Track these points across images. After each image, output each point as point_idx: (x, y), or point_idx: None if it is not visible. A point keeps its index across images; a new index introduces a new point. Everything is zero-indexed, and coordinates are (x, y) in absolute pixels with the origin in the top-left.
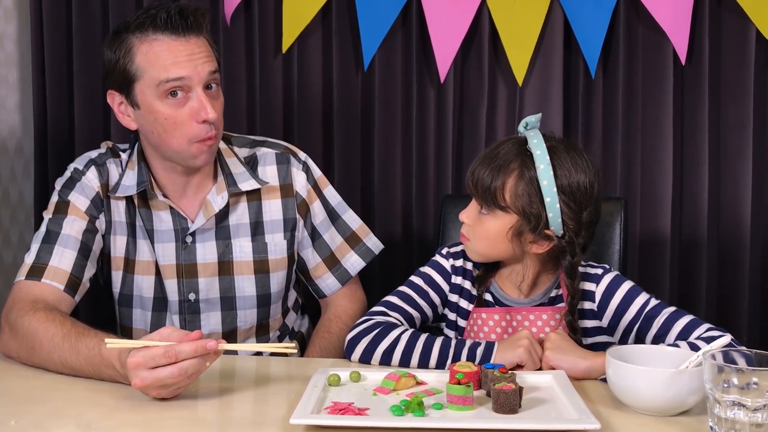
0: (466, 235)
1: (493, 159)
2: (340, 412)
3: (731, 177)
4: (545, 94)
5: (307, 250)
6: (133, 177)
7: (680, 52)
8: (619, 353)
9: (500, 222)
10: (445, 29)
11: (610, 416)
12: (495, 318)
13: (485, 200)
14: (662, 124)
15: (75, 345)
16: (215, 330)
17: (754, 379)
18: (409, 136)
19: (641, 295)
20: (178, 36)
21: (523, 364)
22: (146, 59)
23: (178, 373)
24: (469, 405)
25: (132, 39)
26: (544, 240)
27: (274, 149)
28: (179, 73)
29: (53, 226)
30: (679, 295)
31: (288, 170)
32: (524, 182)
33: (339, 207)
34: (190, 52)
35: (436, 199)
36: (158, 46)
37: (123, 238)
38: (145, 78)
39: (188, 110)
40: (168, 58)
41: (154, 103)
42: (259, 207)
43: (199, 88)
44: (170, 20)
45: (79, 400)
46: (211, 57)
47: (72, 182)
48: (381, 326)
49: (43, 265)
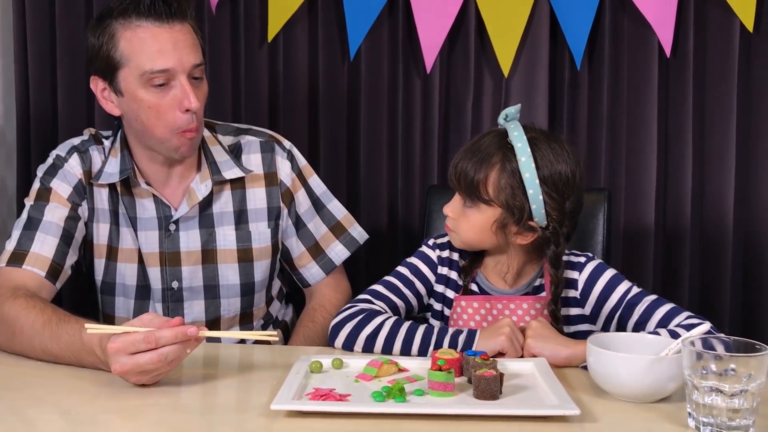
0: (451, 227)
1: (475, 152)
2: (321, 398)
3: (715, 168)
4: (531, 86)
5: (292, 239)
6: (116, 164)
7: (665, 45)
8: (599, 341)
9: (484, 215)
10: (432, 20)
11: (590, 403)
12: (474, 305)
13: (469, 194)
14: (647, 115)
15: (56, 331)
16: (198, 318)
17: (732, 365)
18: (395, 127)
19: (623, 283)
20: (162, 23)
21: (504, 351)
22: (130, 46)
23: (157, 359)
24: (450, 391)
25: (115, 25)
26: (528, 231)
27: (259, 137)
28: (164, 65)
29: (35, 212)
30: (662, 285)
31: (273, 159)
32: (506, 175)
33: (324, 196)
34: (174, 40)
35: (421, 190)
36: (142, 33)
37: (106, 226)
38: (129, 66)
39: (171, 98)
40: (152, 46)
41: (138, 91)
42: (243, 195)
43: (182, 77)
44: (153, 6)
45: (58, 386)
46: (196, 46)
47: (54, 169)
48: (365, 313)
49: (25, 251)
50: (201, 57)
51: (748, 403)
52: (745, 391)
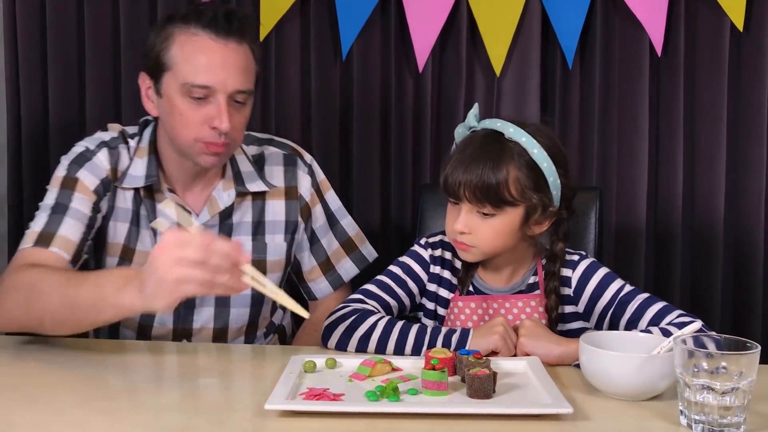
0: (468, 243)
1: (480, 159)
2: (315, 398)
3: (706, 168)
4: (523, 85)
5: (304, 253)
6: (142, 168)
7: (656, 44)
8: (592, 339)
9: (509, 217)
10: (424, 19)
11: (583, 401)
12: (471, 306)
13: (491, 201)
14: (638, 114)
15: (82, 279)
16: (206, 325)
17: (723, 363)
18: (387, 126)
19: (616, 281)
20: (218, 37)
21: (498, 350)
22: (181, 53)
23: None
24: (444, 390)
25: (174, 29)
26: (547, 218)
27: (282, 150)
28: (205, 81)
29: (62, 198)
30: (654, 283)
31: (294, 172)
32: (524, 171)
33: (338, 212)
34: (224, 59)
35: (414, 189)
36: (196, 42)
37: (125, 225)
38: (174, 71)
39: (204, 113)
40: (201, 59)
41: (176, 96)
42: (262, 207)
43: (222, 96)
44: (215, 19)
45: (51, 387)
46: (247, 71)
47: (82, 159)
48: (357, 313)
49: (52, 233)
50: (249, 84)
51: (739, 401)
52: (737, 389)
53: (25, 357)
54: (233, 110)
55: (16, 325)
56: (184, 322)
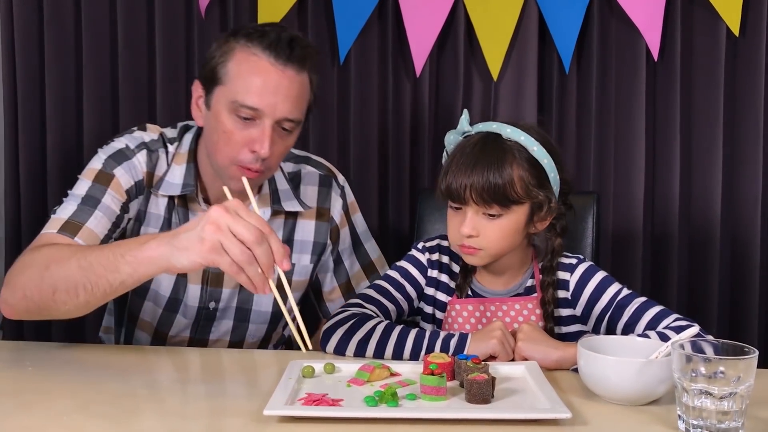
0: (476, 246)
1: (484, 161)
2: (313, 403)
3: (702, 172)
4: (520, 89)
5: (328, 274)
6: (180, 175)
7: (653, 48)
8: (590, 344)
9: (515, 216)
10: (421, 23)
11: (581, 406)
12: (469, 309)
13: (497, 201)
14: (635, 118)
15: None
16: (223, 338)
17: (721, 368)
18: (385, 130)
19: (614, 285)
20: (277, 61)
21: (496, 355)
22: (237, 70)
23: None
24: (443, 395)
25: (236, 45)
26: (550, 214)
27: (318, 170)
28: (254, 103)
29: (94, 191)
30: (651, 287)
31: (328, 194)
32: (526, 169)
33: (363, 235)
34: (278, 85)
35: (411, 193)
36: (254, 63)
37: (155, 231)
38: (226, 86)
39: (247, 135)
40: (255, 80)
41: (222, 112)
42: (293, 226)
43: (268, 121)
44: (277, 42)
45: (51, 392)
46: (300, 100)
47: (121, 156)
48: (356, 317)
49: (80, 223)
50: (298, 113)
51: (737, 406)
52: (734, 394)
53: (22, 361)
54: (277, 137)
55: (27, 304)
56: (202, 333)
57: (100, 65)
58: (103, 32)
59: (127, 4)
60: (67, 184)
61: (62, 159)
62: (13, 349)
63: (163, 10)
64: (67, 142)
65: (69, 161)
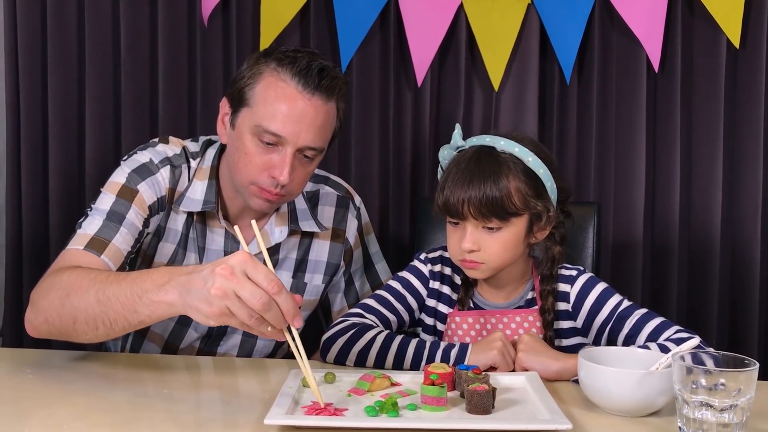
0: (478, 260)
1: (480, 174)
2: (316, 413)
3: (702, 183)
4: (521, 99)
5: (338, 294)
6: (201, 191)
7: (653, 60)
8: (590, 355)
9: (515, 228)
10: (423, 33)
11: (581, 417)
12: (469, 321)
13: (497, 214)
14: (635, 130)
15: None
16: (230, 352)
17: (722, 380)
18: (386, 140)
19: (614, 296)
20: (305, 90)
21: (496, 365)
22: (264, 94)
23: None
24: (443, 406)
25: (265, 68)
26: (549, 223)
27: (337, 191)
28: (278, 130)
29: (119, 207)
30: (651, 298)
31: (344, 215)
32: (522, 180)
33: (375, 256)
34: (303, 114)
35: (412, 202)
36: (281, 89)
37: (172, 246)
38: (252, 109)
39: (268, 160)
40: (281, 107)
41: (246, 135)
42: (309, 246)
43: (290, 149)
44: (307, 71)
45: (51, 401)
46: (324, 129)
47: (145, 171)
48: (356, 327)
49: (106, 240)
50: (321, 142)
51: (737, 418)
52: (735, 406)
53: (23, 369)
54: (298, 164)
55: (49, 328)
56: (210, 346)
57: (102, 74)
58: (106, 40)
59: (129, 12)
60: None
61: (64, 168)
62: (13, 356)
63: (166, 18)
64: (69, 152)
65: (70, 170)
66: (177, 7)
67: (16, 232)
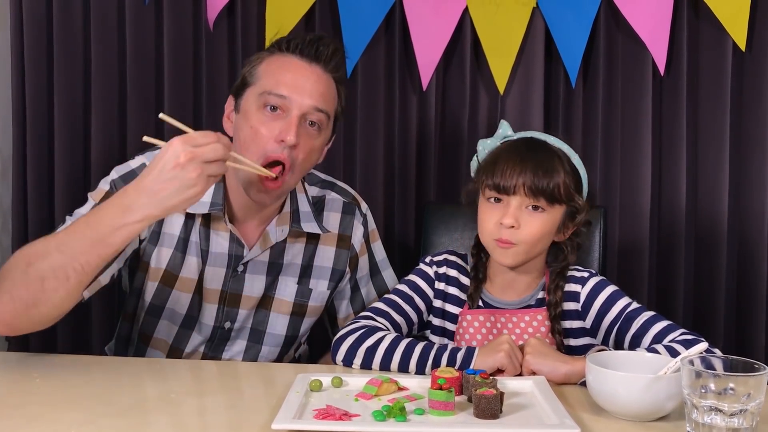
0: (512, 240)
1: (535, 157)
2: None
3: (708, 185)
4: (526, 103)
5: (344, 301)
6: (209, 193)
7: (659, 63)
8: (598, 359)
9: (554, 216)
10: (428, 37)
11: (589, 421)
12: (480, 319)
13: (545, 195)
14: (641, 133)
15: (65, 229)
16: (235, 358)
17: (731, 384)
18: (391, 143)
19: (623, 298)
20: (303, 59)
21: (503, 368)
22: (267, 69)
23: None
24: (451, 410)
25: (266, 54)
26: (575, 225)
27: (343, 197)
28: (283, 91)
29: None
30: (657, 301)
31: (350, 222)
32: (570, 174)
33: (382, 263)
34: (306, 77)
35: (417, 206)
36: (283, 60)
37: (169, 251)
38: (256, 85)
39: (274, 127)
40: (285, 72)
41: (251, 109)
42: (314, 251)
43: (296, 112)
44: (304, 44)
45: (57, 404)
46: (327, 96)
47: (132, 177)
48: (366, 328)
49: None
50: (326, 105)
51: (747, 423)
52: (745, 411)
53: (29, 374)
54: (304, 131)
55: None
56: (215, 351)
57: (108, 78)
58: (112, 44)
59: (135, 16)
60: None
61: (69, 170)
62: (20, 360)
63: (172, 22)
64: (74, 154)
65: (76, 173)
66: (183, 11)
67: (22, 234)
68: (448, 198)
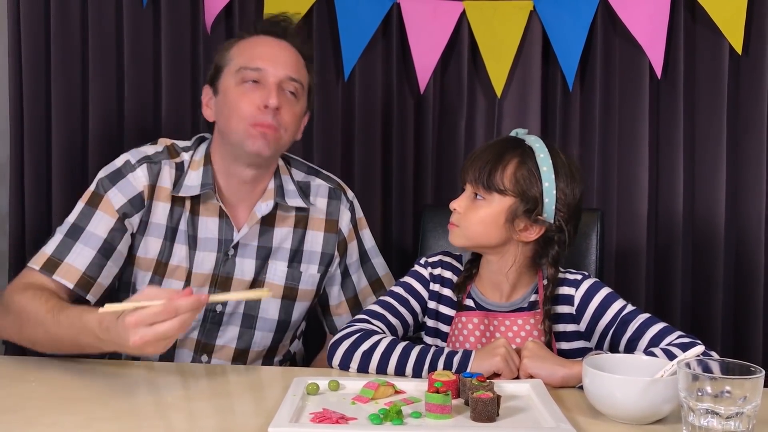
0: (456, 223)
1: (493, 149)
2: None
3: (706, 189)
4: (523, 106)
5: (335, 287)
6: (197, 178)
7: (656, 66)
8: (595, 362)
9: (496, 206)
10: (426, 41)
11: (586, 425)
12: (474, 321)
13: (484, 184)
14: (638, 136)
15: (57, 317)
16: (229, 344)
17: (727, 387)
18: (388, 147)
19: (618, 301)
20: (272, 37)
21: (500, 372)
22: (239, 50)
23: (178, 326)
24: (448, 413)
25: (234, 39)
26: (536, 226)
27: (329, 183)
28: (258, 64)
29: (81, 220)
30: (655, 304)
31: (337, 207)
32: (525, 169)
33: (371, 251)
34: (277, 51)
35: (415, 209)
36: (253, 39)
37: (158, 241)
38: (230, 65)
39: (255, 98)
40: (257, 48)
41: (230, 87)
42: (303, 236)
43: (273, 80)
44: (270, 24)
45: (54, 408)
46: (299, 66)
47: (117, 176)
48: (362, 332)
49: (59, 260)
50: (299, 74)
51: (743, 426)
52: (741, 414)
53: (25, 377)
54: (284, 99)
55: (13, 340)
56: (208, 337)
57: (106, 80)
58: (110, 47)
59: (133, 19)
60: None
61: (67, 173)
62: (16, 364)
63: (169, 25)
64: (72, 157)
65: (74, 177)
66: (180, 14)
67: (19, 238)
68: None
